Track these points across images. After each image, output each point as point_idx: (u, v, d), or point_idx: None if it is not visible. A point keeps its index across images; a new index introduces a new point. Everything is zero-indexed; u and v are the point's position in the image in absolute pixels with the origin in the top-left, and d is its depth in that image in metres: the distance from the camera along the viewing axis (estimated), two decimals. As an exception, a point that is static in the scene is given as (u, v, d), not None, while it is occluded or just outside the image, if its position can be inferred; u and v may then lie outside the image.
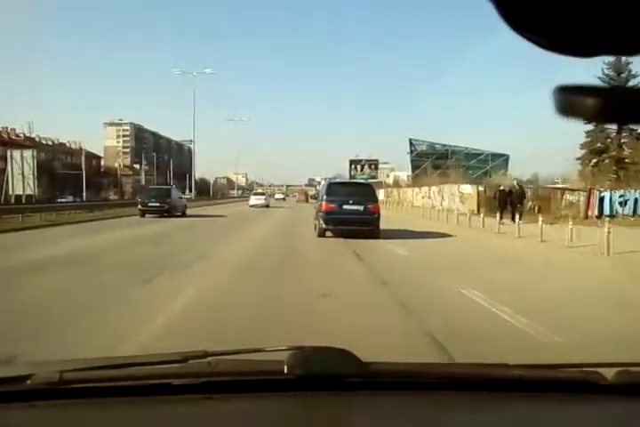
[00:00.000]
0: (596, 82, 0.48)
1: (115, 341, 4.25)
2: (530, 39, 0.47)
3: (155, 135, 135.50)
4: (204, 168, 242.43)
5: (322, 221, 14.68)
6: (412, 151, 72.43)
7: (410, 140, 72.55)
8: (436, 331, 4.73)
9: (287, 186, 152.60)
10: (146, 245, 12.86)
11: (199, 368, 1.24)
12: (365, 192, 15.55)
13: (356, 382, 1.24)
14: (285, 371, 1.17)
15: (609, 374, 1.24)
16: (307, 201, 55.97)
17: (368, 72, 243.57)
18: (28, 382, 1.15)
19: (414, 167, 69.52)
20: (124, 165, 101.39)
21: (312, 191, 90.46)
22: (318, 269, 9.10)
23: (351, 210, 14.57)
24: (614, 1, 0.43)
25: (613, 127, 31.92)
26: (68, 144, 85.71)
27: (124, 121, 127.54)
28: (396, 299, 6.49)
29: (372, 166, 76.41)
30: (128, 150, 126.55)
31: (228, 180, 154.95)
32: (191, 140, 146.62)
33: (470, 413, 1.21)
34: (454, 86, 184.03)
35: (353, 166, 75.65)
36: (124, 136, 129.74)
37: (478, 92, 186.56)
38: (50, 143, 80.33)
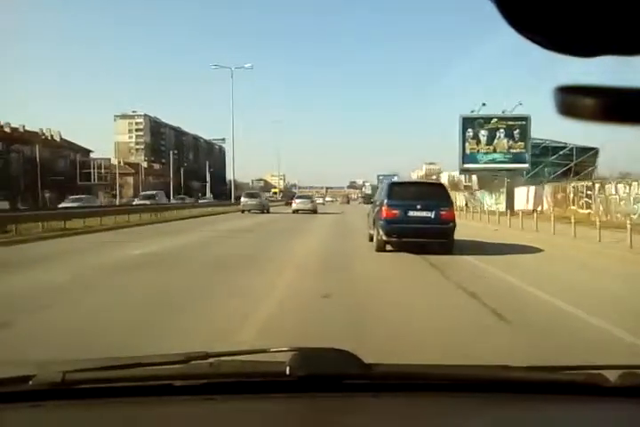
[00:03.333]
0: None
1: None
2: (531, 39, 0.47)
3: (176, 131, 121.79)
4: (238, 170, 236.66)
5: (382, 232, 11.58)
6: (476, 145, 58.05)
7: (473, 131, 58.32)
8: None
9: (327, 188, 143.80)
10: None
11: (201, 369, 1.27)
12: (436, 194, 12.17)
13: (358, 383, 1.25)
14: (287, 372, 1.19)
15: (612, 376, 1.25)
16: (348, 203, 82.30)
17: (409, 72, 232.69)
18: (31, 382, 1.18)
19: (482, 165, 55.50)
20: (125, 163, 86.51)
21: (353, 195, 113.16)
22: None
23: (419, 217, 11.56)
24: (615, 1, 0.44)
25: None
26: (41, 134, 68.67)
27: (137, 113, 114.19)
28: None
29: (519, 133, 32.73)
30: (142, 147, 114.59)
31: (265, 182, 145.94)
32: (224, 139, 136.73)
33: (472, 414, 1.22)
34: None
35: (469, 132, 33.35)
36: (137, 130, 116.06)
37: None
38: (8, 130, 62.87)
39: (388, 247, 11.89)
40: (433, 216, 11.52)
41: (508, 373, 1.33)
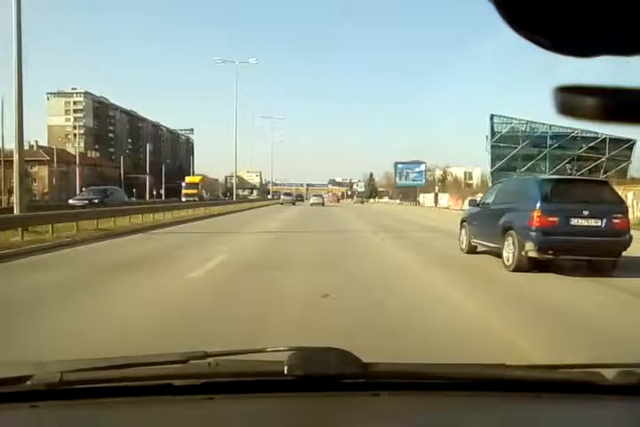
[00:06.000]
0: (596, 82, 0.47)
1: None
2: (530, 39, 0.47)
3: (130, 115, 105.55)
4: (210, 165, 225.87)
5: (532, 246, 8.40)
6: (492, 135, 47.15)
7: (491, 116, 47.19)
8: None
9: (308, 185, 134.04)
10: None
11: (200, 369, 1.28)
12: (603, 195, 8.91)
13: (357, 382, 1.27)
14: (286, 372, 1.20)
15: (610, 374, 1.27)
16: (338, 202, 79.84)
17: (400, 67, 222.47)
18: (29, 382, 1.18)
19: (495, 158, 45.87)
20: (39, 147, 70.06)
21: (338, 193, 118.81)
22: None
23: (586, 228, 8.43)
24: (614, 1, 0.44)
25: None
26: None
27: (77, 90, 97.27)
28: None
29: None
30: (83, 132, 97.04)
31: (240, 179, 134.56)
32: (192, 129, 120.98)
33: (471, 413, 1.24)
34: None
35: None
36: (75, 111, 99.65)
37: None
38: None
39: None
40: (603, 225, 8.47)
41: (507, 372, 1.35)
